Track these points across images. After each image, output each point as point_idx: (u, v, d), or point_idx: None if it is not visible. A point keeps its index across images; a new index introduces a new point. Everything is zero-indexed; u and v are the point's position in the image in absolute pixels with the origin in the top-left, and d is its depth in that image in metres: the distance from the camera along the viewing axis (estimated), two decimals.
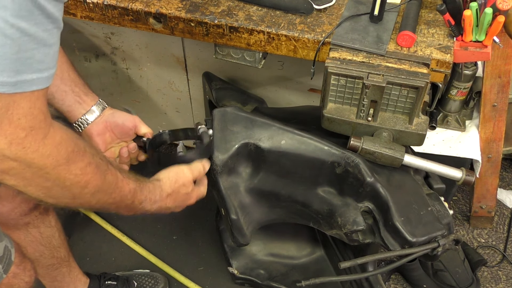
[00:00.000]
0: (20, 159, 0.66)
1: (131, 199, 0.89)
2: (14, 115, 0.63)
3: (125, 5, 1.19)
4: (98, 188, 0.79)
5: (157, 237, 1.86)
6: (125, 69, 1.72)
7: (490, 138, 1.60)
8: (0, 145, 0.63)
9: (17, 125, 0.63)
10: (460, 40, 1.08)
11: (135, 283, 1.65)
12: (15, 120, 0.63)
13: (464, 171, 1.13)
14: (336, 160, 1.12)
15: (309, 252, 1.64)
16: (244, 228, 1.18)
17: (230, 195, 1.16)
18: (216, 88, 1.47)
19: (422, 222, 1.06)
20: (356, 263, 1.07)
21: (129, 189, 0.88)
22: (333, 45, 1.10)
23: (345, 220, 1.12)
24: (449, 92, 1.54)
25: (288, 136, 1.13)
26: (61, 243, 1.43)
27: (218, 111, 1.16)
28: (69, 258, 1.48)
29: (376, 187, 1.08)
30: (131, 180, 0.89)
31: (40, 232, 1.36)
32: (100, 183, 0.79)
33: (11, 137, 0.63)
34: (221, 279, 1.73)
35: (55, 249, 1.41)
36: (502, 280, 1.75)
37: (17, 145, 0.64)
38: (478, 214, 1.84)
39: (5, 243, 1.10)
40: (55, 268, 1.44)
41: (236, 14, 1.17)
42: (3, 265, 1.08)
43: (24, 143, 0.65)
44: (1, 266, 1.07)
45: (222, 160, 1.12)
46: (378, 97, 1.07)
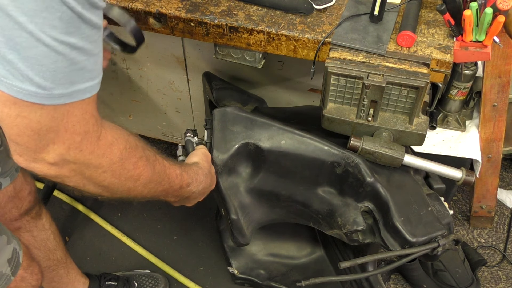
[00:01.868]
0: (79, 161, 0.71)
1: (178, 184, 0.94)
2: (69, 122, 0.67)
3: (125, 5, 1.19)
4: (149, 179, 0.84)
5: (157, 237, 1.86)
6: (125, 69, 1.72)
7: (490, 138, 1.60)
8: (60, 151, 0.68)
9: (73, 131, 0.68)
10: (460, 40, 1.08)
11: (136, 284, 1.65)
12: (70, 127, 0.68)
13: (464, 171, 1.13)
14: (336, 160, 1.12)
15: (309, 252, 1.64)
16: (244, 228, 1.18)
17: (230, 195, 1.16)
18: (216, 88, 1.47)
19: (422, 222, 1.06)
20: (356, 263, 1.07)
21: (176, 175, 0.92)
22: (333, 45, 1.10)
23: (345, 220, 1.13)
24: (449, 92, 1.54)
25: (288, 136, 1.13)
26: (56, 245, 1.43)
27: (218, 111, 1.16)
28: (67, 259, 1.48)
29: (376, 187, 1.08)
30: (177, 166, 0.94)
31: (33, 235, 1.36)
32: (150, 174, 0.84)
33: (68, 143, 0.68)
34: (221, 279, 1.73)
35: (51, 252, 1.41)
36: (502, 280, 1.75)
37: (75, 149, 0.69)
38: (478, 214, 1.84)
39: (13, 245, 1.10)
40: (52, 269, 1.44)
41: (236, 14, 1.17)
42: (11, 268, 1.08)
43: (81, 147, 0.70)
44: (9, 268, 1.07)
45: (222, 160, 1.12)
46: (378, 97, 1.07)
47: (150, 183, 0.85)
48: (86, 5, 0.63)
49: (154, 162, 0.85)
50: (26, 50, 0.60)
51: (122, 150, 0.77)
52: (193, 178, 0.98)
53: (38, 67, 0.61)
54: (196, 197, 1.05)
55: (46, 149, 0.67)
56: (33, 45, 0.60)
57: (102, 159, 0.73)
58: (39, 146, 0.67)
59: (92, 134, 0.71)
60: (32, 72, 0.61)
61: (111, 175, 0.76)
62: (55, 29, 0.60)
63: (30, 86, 0.61)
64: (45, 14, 0.59)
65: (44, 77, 0.62)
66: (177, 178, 0.93)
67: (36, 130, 0.65)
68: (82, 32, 0.64)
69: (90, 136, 0.71)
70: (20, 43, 0.59)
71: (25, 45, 0.59)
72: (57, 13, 0.60)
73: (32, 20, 0.58)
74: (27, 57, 0.60)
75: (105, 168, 0.75)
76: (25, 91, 0.62)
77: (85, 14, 0.63)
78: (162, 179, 0.88)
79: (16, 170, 1.26)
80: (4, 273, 1.06)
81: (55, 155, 0.68)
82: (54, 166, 0.69)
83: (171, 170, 0.91)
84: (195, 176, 0.99)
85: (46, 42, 0.60)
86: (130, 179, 0.80)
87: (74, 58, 0.64)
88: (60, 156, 0.68)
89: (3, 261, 1.06)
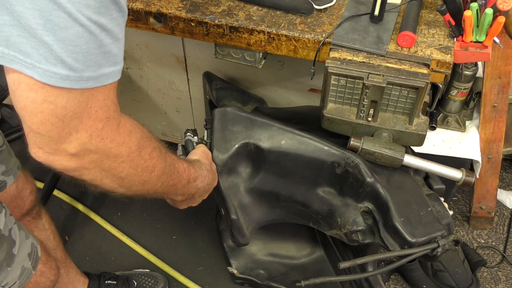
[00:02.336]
0: (100, 150, 0.70)
1: (186, 178, 0.94)
2: (92, 108, 0.67)
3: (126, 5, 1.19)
4: (163, 171, 0.84)
5: (156, 237, 1.86)
6: (125, 69, 1.72)
7: (490, 139, 1.60)
8: (83, 139, 0.67)
9: (95, 117, 0.67)
10: (460, 40, 1.08)
11: (135, 283, 1.65)
12: (93, 113, 0.67)
13: (464, 172, 1.13)
14: (336, 161, 1.12)
15: (308, 252, 1.64)
16: (244, 228, 1.18)
17: (230, 195, 1.16)
18: (216, 88, 1.47)
19: (422, 223, 1.06)
20: (356, 263, 1.07)
21: (184, 169, 0.93)
22: (333, 45, 1.10)
23: (345, 220, 1.12)
24: (449, 92, 1.54)
25: (288, 136, 1.13)
26: (56, 245, 1.43)
27: (219, 111, 1.16)
28: (66, 259, 1.48)
29: (376, 187, 1.08)
30: (183, 161, 0.95)
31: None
32: (163, 165, 0.84)
33: (91, 130, 0.67)
34: (221, 279, 1.73)
35: (51, 252, 1.41)
36: (501, 280, 1.75)
37: (97, 137, 0.68)
38: (478, 214, 1.84)
39: (31, 240, 1.09)
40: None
41: (237, 14, 1.17)
42: (32, 262, 1.08)
43: (102, 134, 0.69)
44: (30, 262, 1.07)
45: (222, 160, 1.12)
46: (378, 98, 1.07)
47: (163, 175, 0.85)
48: None
49: (165, 154, 0.86)
50: (62, 31, 0.59)
51: (140, 139, 0.76)
52: (198, 172, 0.99)
53: (72, 48, 0.61)
54: (201, 194, 1.04)
55: (69, 138, 0.66)
56: (70, 25, 0.59)
57: (122, 147, 0.73)
58: (62, 135, 0.65)
59: (113, 121, 0.70)
60: (66, 54, 0.60)
61: (129, 165, 0.76)
62: (89, 8, 0.60)
63: (62, 69, 0.61)
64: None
65: (76, 59, 0.61)
66: (185, 172, 0.93)
67: (61, 116, 0.64)
68: (111, 13, 0.64)
69: (111, 123, 0.70)
70: (58, 24, 0.59)
71: (63, 25, 0.59)
72: None
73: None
74: (63, 38, 0.60)
75: (124, 158, 0.74)
76: (57, 75, 0.61)
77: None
78: (172, 172, 0.88)
79: (18, 168, 1.26)
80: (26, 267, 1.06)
81: (77, 144, 0.67)
82: (75, 158, 0.68)
83: (179, 164, 0.91)
84: (200, 171, 1.00)
85: (82, 22, 0.60)
86: (146, 170, 0.79)
87: (103, 39, 0.64)
88: (82, 146, 0.67)
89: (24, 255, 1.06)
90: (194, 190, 0.99)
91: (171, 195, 0.94)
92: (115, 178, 0.76)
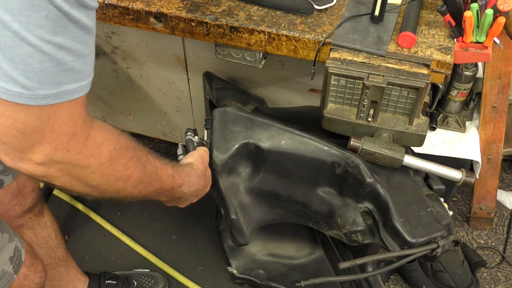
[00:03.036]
0: (66, 161, 0.69)
1: (170, 184, 0.92)
2: (56, 123, 0.66)
3: (125, 5, 1.19)
4: (140, 180, 0.83)
5: (156, 237, 1.86)
6: (125, 69, 1.72)
7: (490, 139, 1.60)
8: (47, 151, 0.67)
9: (60, 132, 0.67)
10: (460, 41, 1.08)
11: (135, 283, 1.65)
12: (57, 128, 0.66)
13: (464, 172, 1.13)
14: (336, 161, 1.12)
15: (308, 253, 1.64)
16: (244, 228, 1.18)
17: (230, 195, 1.16)
18: (216, 88, 1.47)
19: (421, 223, 1.06)
20: (356, 263, 1.07)
21: (167, 176, 0.91)
22: (333, 46, 1.10)
23: (344, 220, 1.12)
24: (449, 93, 1.54)
25: (288, 136, 1.13)
26: (58, 243, 1.43)
27: (219, 111, 1.16)
28: (67, 257, 1.48)
29: (376, 187, 1.08)
30: (169, 167, 0.93)
31: (35, 233, 1.36)
32: (141, 175, 0.83)
33: (55, 143, 0.67)
34: (221, 279, 1.73)
35: (52, 249, 1.41)
36: (501, 281, 1.75)
37: (62, 149, 0.68)
38: (478, 215, 1.84)
39: (15, 243, 1.09)
40: (53, 267, 1.44)
41: (237, 14, 1.17)
42: (14, 266, 1.08)
43: (68, 147, 0.68)
44: (11, 266, 1.07)
45: (222, 160, 1.12)
46: (378, 98, 1.07)
47: (141, 183, 0.84)
48: (74, 4, 0.61)
49: (145, 163, 0.84)
50: (10, 50, 0.58)
51: (112, 151, 0.75)
52: (184, 179, 0.97)
53: (23, 67, 0.60)
54: (188, 198, 1.03)
55: (32, 149, 0.66)
56: (17, 44, 0.58)
57: (91, 159, 0.72)
58: (25, 146, 0.65)
59: (79, 135, 0.69)
60: (16, 72, 0.60)
61: (99, 175, 0.75)
62: (41, 28, 0.59)
63: (14, 86, 0.60)
64: (30, 12, 0.58)
65: (29, 77, 0.60)
66: (169, 179, 0.92)
67: (21, 130, 0.64)
68: (70, 32, 0.62)
69: (78, 137, 0.69)
70: (4, 43, 0.58)
71: (9, 44, 0.58)
72: (43, 12, 0.58)
73: (17, 19, 0.57)
74: (11, 57, 0.59)
75: (93, 169, 0.73)
76: (9, 91, 0.60)
77: (73, 13, 0.62)
78: (153, 180, 0.87)
79: None
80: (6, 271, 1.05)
81: (42, 155, 0.67)
82: (41, 166, 0.68)
83: (162, 171, 0.89)
84: (187, 177, 0.98)
85: (31, 41, 0.59)
86: (119, 180, 0.79)
87: (61, 58, 0.62)
88: (47, 156, 0.67)
89: (5, 259, 1.05)
90: (180, 195, 0.98)
91: (153, 198, 0.93)
92: (86, 186, 0.76)
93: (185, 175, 0.97)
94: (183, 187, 0.97)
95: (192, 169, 1.01)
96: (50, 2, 0.59)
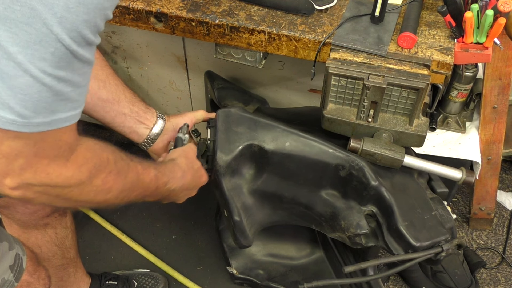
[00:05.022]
0: (45, 184, 0.70)
1: (154, 185, 0.93)
2: (40, 147, 0.66)
3: (126, 4, 1.19)
4: (121, 190, 0.83)
5: (156, 236, 1.86)
6: (125, 68, 1.72)
7: (490, 140, 1.60)
8: (26, 176, 0.67)
9: (42, 155, 0.67)
10: (461, 41, 1.08)
11: (135, 283, 1.65)
12: (41, 151, 0.66)
13: (464, 171, 1.13)
14: (340, 163, 1.11)
15: (308, 253, 1.64)
16: (247, 230, 1.17)
17: (233, 196, 1.15)
18: (218, 88, 1.46)
19: (426, 227, 1.05)
20: (360, 267, 1.06)
21: (150, 178, 0.91)
22: (333, 46, 1.10)
23: (348, 223, 1.12)
24: (449, 93, 1.54)
25: (293, 138, 1.12)
26: (72, 244, 1.43)
27: (223, 112, 1.15)
28: (77, 259, 1.48)
29: (380, 190, 1.08)
30: (151, 168, 0.93)
31: (56, 232, 1.36)
32: (121, 185, 0.83)
33: (36, 166, 0.67)
34: (220, 279, 1.73)
35: (67, 250, 1.41)
36: (501, 282, 1.75)
37: (41, 172, 0.68)
38: (478, 216, 1.84)
39: (16, 250, 1.09)
40: (64, 268, 1.44)
41: (237, 14, 1.17)
42: (14, 273, 1.07)
43: (47, 170, 0.68)
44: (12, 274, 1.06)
45: (226, 161, 1.11)
46: (378, 98, 1.07)
47: (122, 192, 0.84)
48: (82, 43, 0.63)
49: (127, 173, 0.84)
50: (11, 79, 0.59)
51: (92, 169, 0.75)
52: (169, 176, 0.97)
53: (21, 96, 0.60)
54: (180, 194, 1.03)
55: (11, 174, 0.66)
56: (19, 74, 0.59)
57: (71, 180, 0.72)
58: (4, 171, 0.65)
59: (61, 158, 0.69)
60: (14, 101, 0.60)
61: (79, 192, 0.75)
62: (44, 61, 0.60)
63: (9, 114, 0.60)
64: (37, 46, 0.59)
65: (25, 106, 0.61)
66: (152, 181, 0.92)
67: (5, 154, 0.64)
68: (73, 67, 0.63)
69: (59, 159, 0.69)
70: (6, 72, 0.59)
71: (11, 74, 0.59)
72: (50, 48, 0.60)
73: (23, 51, 0.58)
74: (11, 86, 0.59)
75: (73, 188, 0.74)
76: (3, 119, 0.61)
77: (79, 51, 0.63)
78: (134, 186, 0.87)
79: None
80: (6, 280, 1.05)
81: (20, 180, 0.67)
82: (17, 190, 0.68)
83: (145, 175, 0.90)
84: (171, 174, 0.98)
85: (33, 73, 0.60)
86: (100, 193, 0.79)
87: (60, 89, 0.63)
88: (24, 181, 0.67)
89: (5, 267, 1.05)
90: (167, 192, 0.98)
91: (138, 201, 0.93)
92: (66, 202, 0.76)
93: (169, 172, 0.97)
94: (169, 184, 0.97)
95: (175, 165, 1.01)
96: (59, 40, 0.60)
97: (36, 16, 0.57)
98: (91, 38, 0.64)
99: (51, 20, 0.58)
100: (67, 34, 0.60)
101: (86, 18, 0.61)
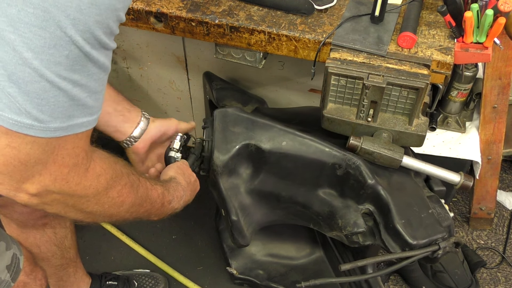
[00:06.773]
0: (64, 192, 0.70)
1: (160, 202, 0.93)
2: (59, 155, 0.66)
3: None
4: (132, 204, 0.84)
5: (156, 237, 1.86)
6: (125, 68, 1.72)
7: (490, 140, 1.60)
8: (46, 182, 0.67)
9: (61, 163, 0.67)
10: (460, 41, 1.08)
11: (136, 283, 1.65)
12: (59, 159, 0.67)
13: (462, 176, 1.12)
14: (337, 162, 1.11)
15: (308, 253, 1.64)
16: (245, 229, 1.17)
17: (231, 196, 1.15)
18: (216, 88, 1.46)
19: (422, 225, 1.06)
20: (357, 265, 1.06)
21: (158, 195, 0.92)
22: (333, 46, 1.10)
23: (345, 222, 1.12)
24: (449, 93, 1.54)
25: (289, 138, 1.13)
26: (71, 244, 1.43)
27: (220, 112, 1.15)
28: (77, 259, 1.48)
29: (377, 189, 1.08)
30: (158, 185, 0.94)
31: (55, 232, 1.36)
32: (133, 199, 0.84)
33: (55, 174, 0.67)
34: (220, 279, 1.74)
35: (66, 250, 1.41)
36: (501, 281, 1.75)
37: (61, 180, 0.68)
38: (478, 215, 1.84)
39: (13, 251, 1.09)
40: (63, 268, 1.44)
41: (237, 14, 1.17)
42: (11, 274, 1.07)
43: (67, 178, 0.69)
44: (9, 274, 1.07)
45: (223, 161, 1.12)
46: (378, 98, 1.07)
47: (133, 207, 0.85)
48: (96, 45, 0.63)
49: (138, 187, 0.85)
50: (27, 85, 0.59)
51: (109, 180, 0.76)
52: (173, 195, 0.98)
53: (38, 101, 0.61)
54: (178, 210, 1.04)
55: (30, 180, 0.66)
56: (36, 80, 0.59)
57: (89, 190, 0.73)
58: (23, 177, 0.65)
59: (80, 166, 0.70)
60: (30, 105, 0.60)
61: (95, 203, 0.76)
62: (59, 65, 0.60)
63: (27, 119, 0.61)
64: (52, 51, 0.59)
65: (42, 111, 0.61)
66: (159, 198, 0.93)
67: (24, 161, 0.64)
68: (88, 70, 0.64)
69: (78, 168, 0.70)
70: (22, 78, 0.59)
71: (28, 79, 0.59)
72: (64, 51, 0.60)
73: (38, 56, 0.58)
74: (28, 91, 0.60)
75: (89, 198, 0.74)
76: (20, 124, 0.61)
77: (93, 53, 0.63)
78: (144, 201, 0.88)
79: None
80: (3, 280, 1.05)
81: (40, 186, 0.67)
82: (36, 197, 0.68)
83: (153, 192, 0.91)
84: (175, 192, 0.99)
85: (49, 78, 0.60)
86: (113, 206, 0.80)
87: (76, 94, 0.64)
88: (44, 188, 0.67)
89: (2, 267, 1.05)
90: (170, 211, 0.99)
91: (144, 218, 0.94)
92: (80, 213, 0.77)
93: (173, 191, 0.98)
94: (173, 203, 0.98)
95: (178, 184, 1.02)
96: (73, 43, 0.60)
97: (50, 19, 0.57)
98: (104, 40, 0.64)
99: (64, 23, 0.58)
100: (80, 36, 0.60)
101: (98, 19, 0.61)
